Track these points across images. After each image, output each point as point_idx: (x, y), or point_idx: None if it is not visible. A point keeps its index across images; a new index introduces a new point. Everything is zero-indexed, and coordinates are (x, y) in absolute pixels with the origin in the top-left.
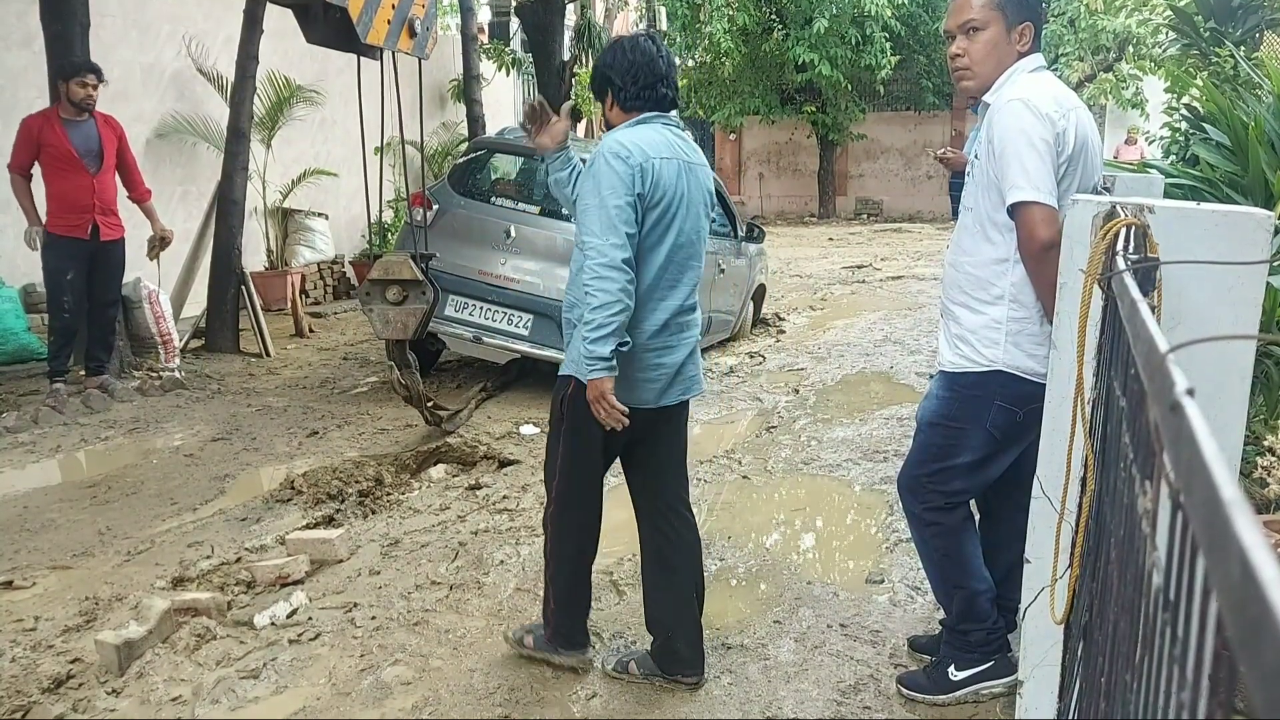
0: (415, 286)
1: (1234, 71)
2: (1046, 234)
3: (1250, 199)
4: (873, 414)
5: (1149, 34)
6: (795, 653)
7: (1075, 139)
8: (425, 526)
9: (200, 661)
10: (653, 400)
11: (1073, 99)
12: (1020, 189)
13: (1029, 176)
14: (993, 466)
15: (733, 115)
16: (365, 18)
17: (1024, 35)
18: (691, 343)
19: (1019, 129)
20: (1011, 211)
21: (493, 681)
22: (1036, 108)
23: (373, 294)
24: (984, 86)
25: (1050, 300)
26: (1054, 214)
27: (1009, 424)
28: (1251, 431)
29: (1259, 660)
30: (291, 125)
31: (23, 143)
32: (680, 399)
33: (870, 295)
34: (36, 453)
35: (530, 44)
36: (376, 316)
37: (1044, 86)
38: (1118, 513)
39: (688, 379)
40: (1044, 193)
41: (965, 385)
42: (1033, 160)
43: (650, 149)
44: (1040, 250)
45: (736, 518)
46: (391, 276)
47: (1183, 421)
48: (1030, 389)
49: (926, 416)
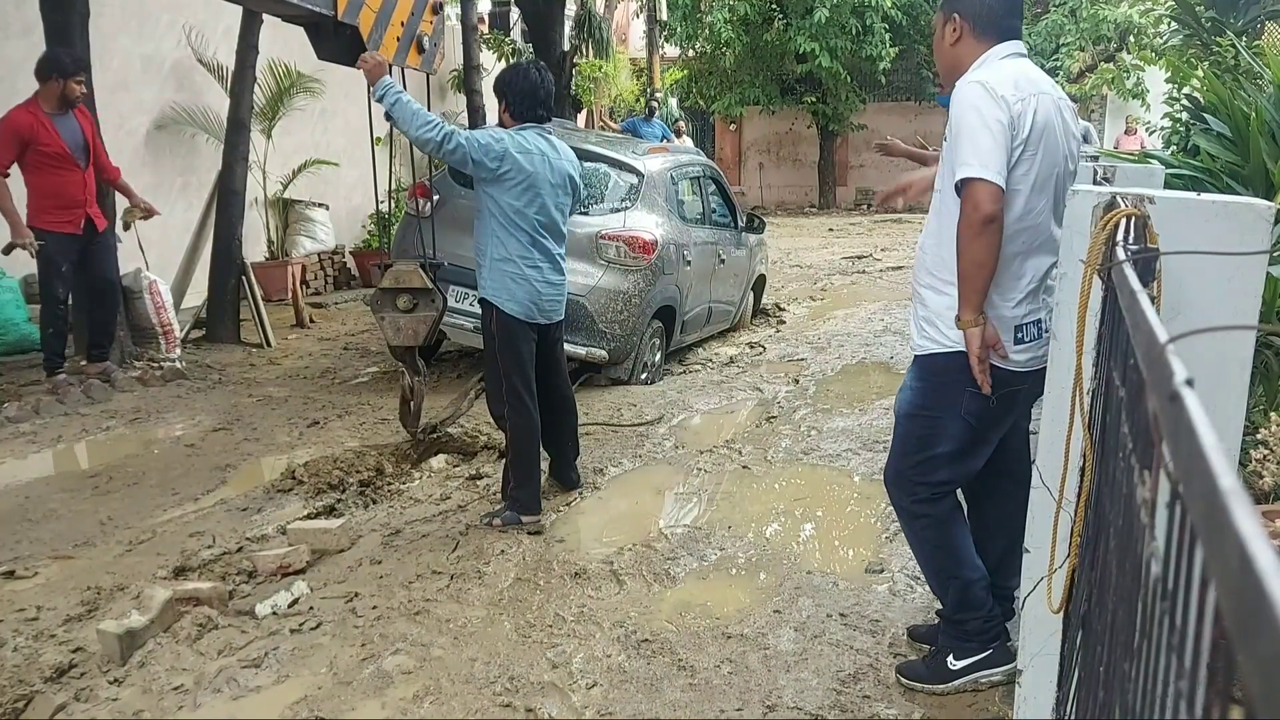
0: (425, 294)
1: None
2: (990, 208)
3: (1251, 189)
4: (872, 404)
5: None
6: (795, 642)
7: (1034, 122)
8: (426, 516)
9: (202, 651)
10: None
11: (1040, 84)
12: (969, 165)
13: (978, 154)
14: (974, 455)
15: (733, 105)
16: (375, 35)
17: (955, 29)
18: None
19: (973, 108)
20: (959, 187)
21: (494, 670)
22: (993, 89)
23: (383, 302)
24: (947, 80)
25: (970, 282)
26: (999, 192)
27: (983, 411)
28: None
29: (1256, 649)
30: (292, 115)
31: (11, 142)
32: (553, 320)
33: (870, 285)
34: (38, 443)
35: (530, 34)
36: (388, 324)
37: (1008, 71)
38: (1117, 502)
39: (557, 308)
40: (991, 170)
41: (935, 371)
42: (984, 139)
43: (527, 144)
44: (981, 223)
45: (736, 507)
46: (402, 285)
47: (1182, 411)
48: (1000, 373)
49: (903, 408)
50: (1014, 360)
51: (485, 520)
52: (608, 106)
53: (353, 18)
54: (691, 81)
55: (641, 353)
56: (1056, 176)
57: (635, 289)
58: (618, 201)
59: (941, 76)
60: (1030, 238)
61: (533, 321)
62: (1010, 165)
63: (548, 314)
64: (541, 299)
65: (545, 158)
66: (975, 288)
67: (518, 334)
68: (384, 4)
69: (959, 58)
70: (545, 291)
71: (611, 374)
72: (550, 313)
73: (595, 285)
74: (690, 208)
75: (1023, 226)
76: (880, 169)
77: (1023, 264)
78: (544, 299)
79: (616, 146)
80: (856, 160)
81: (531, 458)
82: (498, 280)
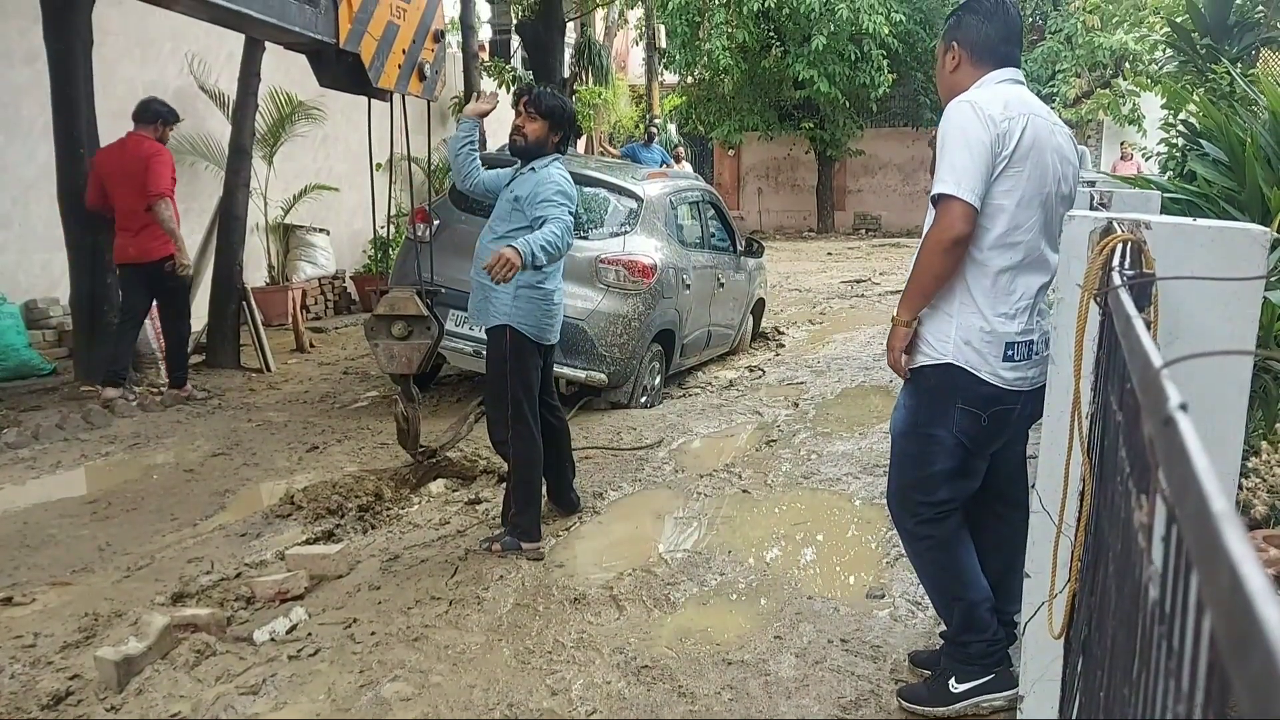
0: (420, 322)
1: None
2: (961, 227)
3: (1247, 214)
4: (872, 428)
5: (1146, 50)
6: (796, 668)
7: (1021, 139)
8: (425, 541)
9: (200, 678)
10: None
11: (1032, 106)
12: (944, 182)
13: (955, 172)
14: (971, 473)
15: (732, 131)
16: (377, 63)
17: (954, 57)
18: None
19: (958, 126)
20: (934, 201)
21: (492, 697)
22: (980, 109)
23: (378, 329)
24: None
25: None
26: (971, 212)
27: (974, 428)
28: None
29: (1247, 669)
30: (293, 141)
31: (172, 170)
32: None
33: (869, 309)
34: (37, 468)
35: (531, 61)
36: (381, 351)
37: (999, 93)
38: (1115, 527)
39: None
40: (965, 189)
41: (925, 387)
42: (963, 158)
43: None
44: (950, 241)
45: (736, 532)
46: (397, 312)
47: (1176, 436)
48: (990, 390)
49: (897, 427)
50: (1002, 377)
51: (484, 545)
52: (607, 132)
53: (354, 46)
54: (690, 108)
55: (641, 376)
56: (1047, 196)
57: (635, 313)
58: (617, 226)
59: (942, 102)
60: (1017, 254)
61: (541, 343)
62: (993, 179)
63: (555, 333)
64: (554, 320)
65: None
66: (923, 294)
67: (531, 357)
68: (386, 32)
69: (957, 84)
70: (556, 313)
71: (611, 397)
72: (557, 332)
73: (595, 309)
74: (689, 232)
75: (1008, 242)
76: (878, 194)
77: (1013, 280)
78: (555, 320)
79: (616, 172)
80: (854, 185)
81: (534, 484)
82: (521, 304)
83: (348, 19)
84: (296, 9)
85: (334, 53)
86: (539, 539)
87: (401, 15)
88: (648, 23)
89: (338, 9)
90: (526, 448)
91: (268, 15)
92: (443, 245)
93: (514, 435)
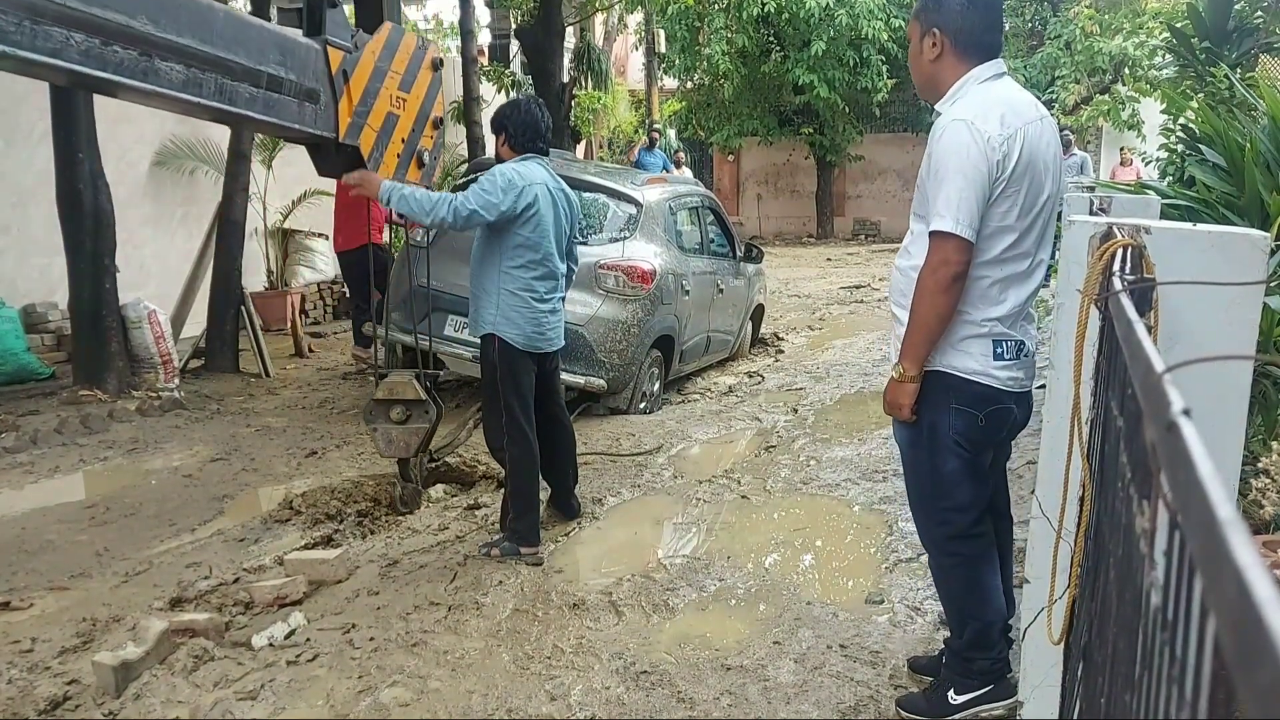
0: (418, 406)
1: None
2: (959, 266)
3: (1246, 220)
4: (871, 433)
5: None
6: (795, 674)
7: (1020, 158)
8: (424, 547)
9: (198, 683)
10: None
11: (1023, 112)
12: (942, 218)
13: (952, 207)
14: (981, 475)
15: (731, 137)
16: (376, 154)
17: (934, 43)
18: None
19: (956, 152)
20: (931, 235)
21: (491, 702)
22: (978, 131)
23: (376, 414)
24: (931, 96)
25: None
26: (969, 247)
27: (970, 428)
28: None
29: (1255, 679)
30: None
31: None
32: (554, 348)
33: (868, 315)
34: (35, 473)
35: (530, 66)
36: (380, 436)
37: (994, 103)
38: (1116, 533)
39: (558, 337)
40: (963, 225)
41: (920, 393)
42: (960, 189)
43: (534, 175)
44: (949, 279)
45: (735, 537)
46: (395, 397)
47: (1179, 441)
48: (984, 390)
49: (901, 437)
50: (994, 376)
51: (483, 550)
52: (606, 137)
53: (354, 139)
54: (690, 113)
55: (640, 382)
56: (1043, 204)
57: (634, 318)
58: (616, 232)
59: (918, 89)
60: (1010, 268)
61: (534, 351)
62: (990, 203)
63: (551, 342)
64: (546, 329)
65: (547, 187)
66: (929, 340)
67: (521, 365)
68: (385, 123)
69: (938, 75)
70: (550, 321)
71: (610, 403)
72: (554, 341)
73: (594, 315)
74: (689, 238)
75: (1003, 259)
76: (878, 200)
77: (1003, 291)
78: (548, 329)
79: (615, 177)
80: (854, 191)
81: (531, 489)
82: (504, 313)
83: (347, 113)
84: (296, 106)
85: (333, 145)
86: (538, 544)
87: (401, 105)
88: (647, 27)
89: (338, 104)
90: (522, 453)
91: (268, 115)
92: (442, 250)
93: (509, 441)
